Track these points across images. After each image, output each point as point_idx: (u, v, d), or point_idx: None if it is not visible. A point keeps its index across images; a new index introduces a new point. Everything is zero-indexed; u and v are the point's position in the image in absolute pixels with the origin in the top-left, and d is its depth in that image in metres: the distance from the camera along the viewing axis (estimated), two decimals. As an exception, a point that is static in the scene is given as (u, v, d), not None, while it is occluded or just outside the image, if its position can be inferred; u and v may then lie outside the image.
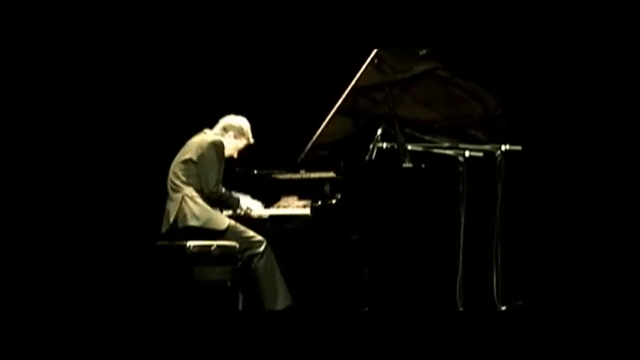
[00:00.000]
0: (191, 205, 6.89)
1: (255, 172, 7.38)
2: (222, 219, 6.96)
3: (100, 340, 5.97)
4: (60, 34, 7.70)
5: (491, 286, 7.23)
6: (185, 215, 6.90)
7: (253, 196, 7.24)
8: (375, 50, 7.05)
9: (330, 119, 7.18)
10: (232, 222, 6.96)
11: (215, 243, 6.84)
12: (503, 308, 7.22)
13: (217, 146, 6.96)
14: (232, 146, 7.10)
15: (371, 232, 6.93)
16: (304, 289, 7.06)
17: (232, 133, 7.08)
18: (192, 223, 6.88)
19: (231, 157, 7.12)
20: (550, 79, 8.17)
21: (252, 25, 8.22)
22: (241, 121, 7.12)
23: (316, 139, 7.27)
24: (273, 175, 7.33)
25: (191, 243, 6.83)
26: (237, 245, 6.89)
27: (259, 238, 6.95)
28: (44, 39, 7.68)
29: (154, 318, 6.50)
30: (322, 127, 7.22)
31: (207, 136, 7.06)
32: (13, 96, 7.66)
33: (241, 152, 7.19)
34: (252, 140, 7.10)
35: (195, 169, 6.93)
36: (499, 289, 7.23)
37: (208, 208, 6.94)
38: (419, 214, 7.03)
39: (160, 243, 7.00)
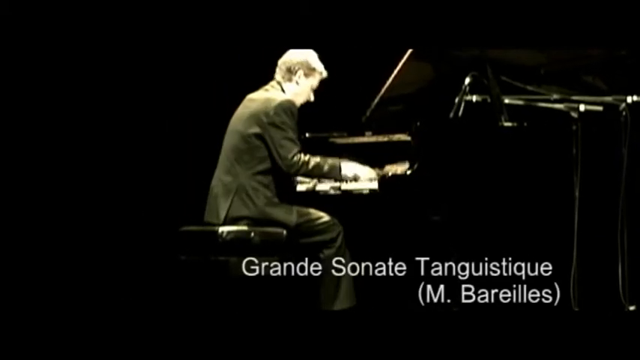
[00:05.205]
0: (252, 195, 6.28)
1: (307, 135, 6.87)
2: (290, 213, 6.36)
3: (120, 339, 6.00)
4: (60, 34, 7.72)
5: (616, 283, 6.60)
6: (242, 207, 6.30)
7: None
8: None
9: (403, 65, 6.58)
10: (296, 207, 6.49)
11: (255, 229, 6.24)
12: (632, 308, 6.61)
13: (289, 108, 6.33)
14: (306, 89, 6.48)
15: (457, 212, 6.44)
16: (368, 284, 6.56)
17: (301, 72, 6.42)
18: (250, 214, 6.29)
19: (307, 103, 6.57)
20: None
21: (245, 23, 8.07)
22: (305, 54, 6.48)
23: (385, 91, 6.73)
24: (331, 139, 6.91)
25: (224, 229, 6.22)
26: (302, 231, 6.33)
27: (331, 220, 6.38)
28: (44, 39, 7.72)
29: (181, 318, 6.29)
30: (393, 76, 6.64)
31: (269, 95, 6.43)
32: (13, 96, 7.67)
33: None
34: (325, 73, 6.47)
35: (260, 144, 6.31)
36: (626, 285, 6.60)
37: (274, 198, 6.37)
38: (520, 188, 6.51)
39: (185, 229, 6.48)
